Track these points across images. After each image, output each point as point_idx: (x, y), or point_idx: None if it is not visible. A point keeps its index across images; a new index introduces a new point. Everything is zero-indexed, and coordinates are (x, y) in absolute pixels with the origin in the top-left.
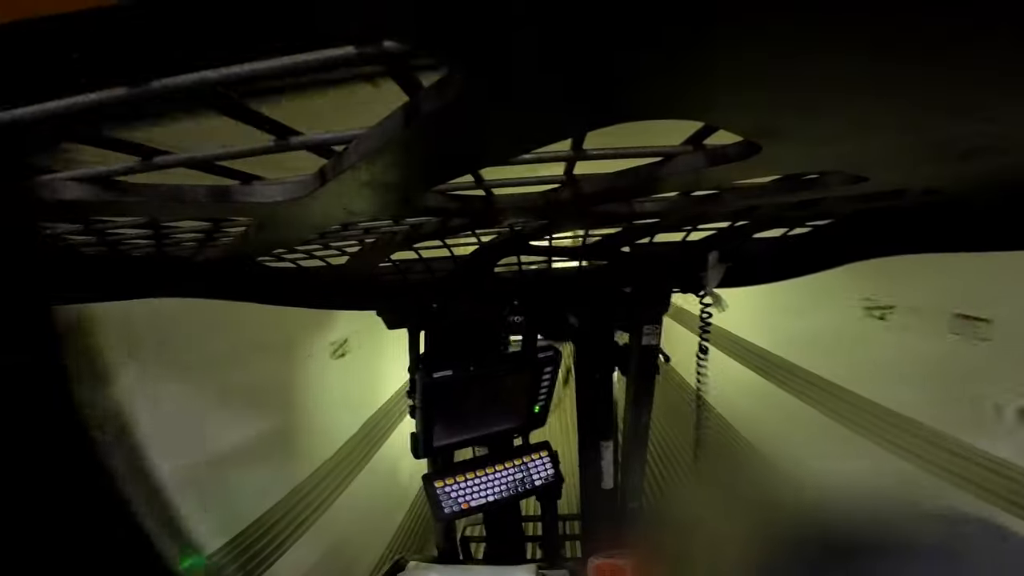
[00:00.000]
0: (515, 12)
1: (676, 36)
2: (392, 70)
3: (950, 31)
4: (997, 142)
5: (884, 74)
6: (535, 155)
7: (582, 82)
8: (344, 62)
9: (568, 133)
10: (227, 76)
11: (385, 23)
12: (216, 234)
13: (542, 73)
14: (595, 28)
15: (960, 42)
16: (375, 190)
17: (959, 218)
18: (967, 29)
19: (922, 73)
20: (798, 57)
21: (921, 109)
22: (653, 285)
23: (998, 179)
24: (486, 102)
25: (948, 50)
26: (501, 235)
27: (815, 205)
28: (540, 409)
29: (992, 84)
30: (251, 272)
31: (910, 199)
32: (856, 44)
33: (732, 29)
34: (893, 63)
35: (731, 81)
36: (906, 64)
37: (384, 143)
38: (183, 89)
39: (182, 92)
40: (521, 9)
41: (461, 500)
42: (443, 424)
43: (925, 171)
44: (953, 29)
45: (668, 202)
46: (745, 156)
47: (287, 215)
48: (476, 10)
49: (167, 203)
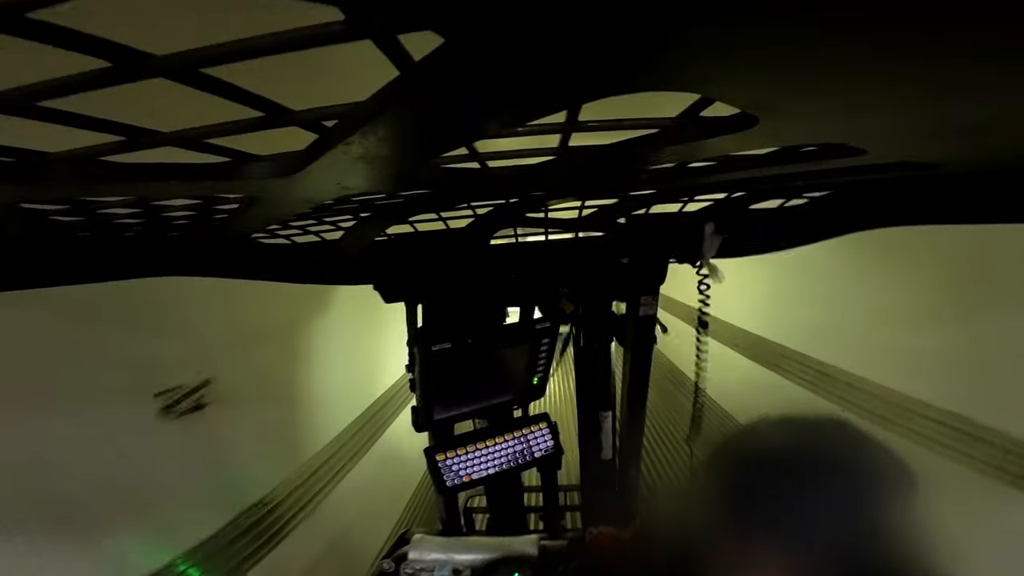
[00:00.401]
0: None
1: (676, 12)
2: (382, 43)
3: (949, 9)
4: (995, 119)
5: (881, 53)
6: (530, 127)
7: (577, 54)
8: (332, 36)
9: (563, 105)
10: (212, 54)
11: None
12: (208, 212)
13: (537, 46)
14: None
15: (957, 22)
16: (368, 164)
17: (956, 190)
18: (966, 8)
19: (920, 52)
20: (796, 35)
21: (918, 87)
22: (650, 256)
23: (996, 154)
24: (480, 74)
25: (945, 29)
26: (497, 207)
27: (812, 177)
28: (539, 380)
29: (989, 63)
30: (245, 249)
31: (908, 172)
32: (854, 23)
33: (731, 6)
34: (891, 42)
35: (729, 57)
36: (904, 43)
37: (376, 117)
38: (167, 68)
39: (166, 71)
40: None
41: (463, 473)
42: (443, 397)
43: (923, 146)
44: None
45: (665, 173)
46: (742, 128)
47: (279, 191)
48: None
49: (157, 181)
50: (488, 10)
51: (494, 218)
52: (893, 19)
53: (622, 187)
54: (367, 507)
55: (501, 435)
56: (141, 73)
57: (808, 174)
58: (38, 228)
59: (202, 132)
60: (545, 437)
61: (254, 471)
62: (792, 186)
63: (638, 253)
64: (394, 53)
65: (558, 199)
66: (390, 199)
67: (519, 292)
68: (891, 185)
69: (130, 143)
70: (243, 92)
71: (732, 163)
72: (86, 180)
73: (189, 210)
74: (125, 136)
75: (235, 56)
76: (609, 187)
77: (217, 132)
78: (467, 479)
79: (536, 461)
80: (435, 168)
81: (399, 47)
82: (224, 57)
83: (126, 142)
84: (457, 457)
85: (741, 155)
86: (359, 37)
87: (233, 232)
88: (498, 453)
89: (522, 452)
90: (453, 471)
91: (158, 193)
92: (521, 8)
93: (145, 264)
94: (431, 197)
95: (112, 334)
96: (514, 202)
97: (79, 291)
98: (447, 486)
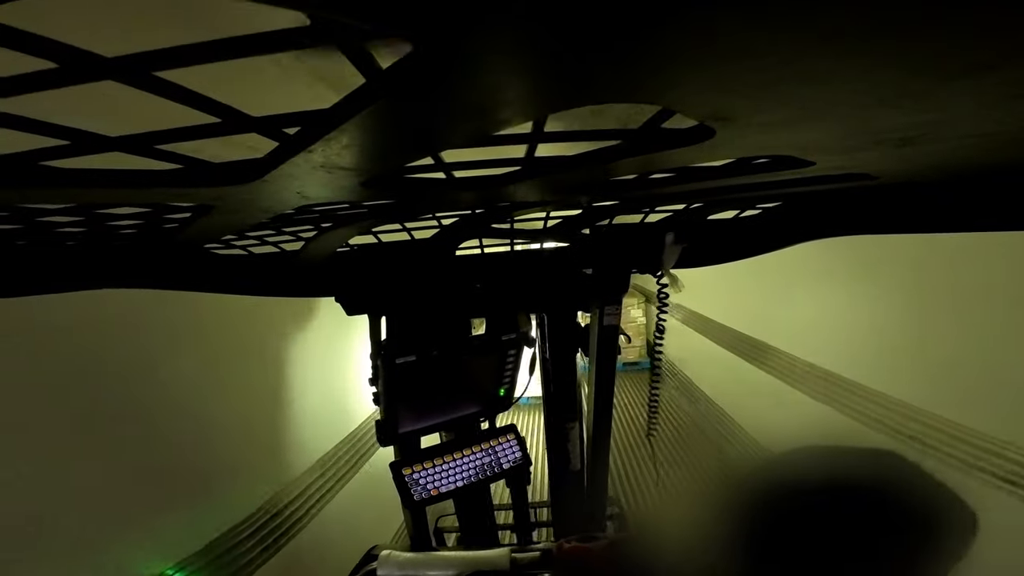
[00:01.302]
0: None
1: (634, 29)
2: (348, 50)
3: (886, 23)
4: (931, 130)
5: (828, 67)
6: (496, 137)
7: (543, 67)
8: (295, 41)
9: (529, 115)
10: (166, 56)
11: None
12: (157, 220)
13: (505, 56)
14: (558, 16)
15: (891, 35)
16: (330, 173)
17: (902, 200)
18: (905, 20)
19: (859, 66)
20: (749, 50)
21: (859, 99)
22: (613, 266)
23: (935, 164)
24: (447, 83)
25: (880, 42)
26: (462, 218)
27: (765, 188)
28: (505, 392)
29: (922, 75)
30: (198, 260)
31: (854, 183)
32: (804, 39)
33: (684, 24)
34: (836, 57)
35: (686, 70)
36: (847, 57)
37: (339, 125)
38: (118, 70)
39: (117, 73)
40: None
41: (430, 486)
42: (408, 410)
43: (866, 157)
44: (888, 21)
45: (627, 184)
46: (699, 140)
47: (236, 200)
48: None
49: (103, 188)
50: (457, 15)
51: (459, 229)
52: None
53: (586, 198)
54: (351, 528)
55: (468, 447)
56: (90, 75)
57: (761, 185)
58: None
59: (153, 137)
60: (513, 448)
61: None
62: (746, 197)
63: (602, 264)
64: (360, 60)
65: (524, 210)
66: (353, 209)
67: (484, 303)
68: (839, 196)
69: (74, 147)
70: (199, 96)
71: (690, 174)
72: (25, 185)
73: (137, 219)
74: (69, 140)
75: (191, 59)
76: (574, 197)
77: (169, 137)
78: (435, 492)
79: (504, 473)
80: (399, 178)
81: (365, 54)
82: (179, 60)
83: (70, 146)
84: (424, 471)
85: (699, 166)
86: (324, 43)
87: (184, 242)
88: (466, 466)
89: (490, 464)
90: (420, 485)
91: (104, 200)
92: (494, 28)
93: (88, 275)
94: (395, 207)
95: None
96: (480, 213)
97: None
98: (414, 500)
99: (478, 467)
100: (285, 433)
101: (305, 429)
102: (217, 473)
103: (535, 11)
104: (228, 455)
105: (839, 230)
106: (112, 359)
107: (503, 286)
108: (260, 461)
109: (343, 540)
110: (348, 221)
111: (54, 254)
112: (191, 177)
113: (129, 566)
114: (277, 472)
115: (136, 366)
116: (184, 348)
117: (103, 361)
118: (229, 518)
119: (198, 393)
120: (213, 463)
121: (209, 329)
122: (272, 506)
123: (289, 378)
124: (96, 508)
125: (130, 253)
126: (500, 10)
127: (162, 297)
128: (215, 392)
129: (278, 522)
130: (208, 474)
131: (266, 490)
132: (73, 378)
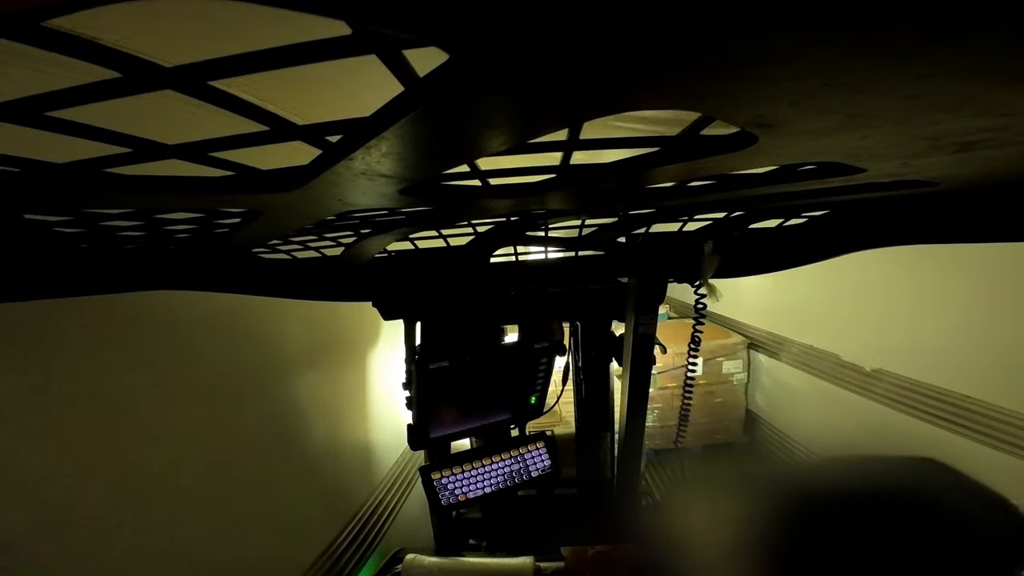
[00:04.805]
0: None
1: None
2: (387, 58)
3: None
4: (992, 136)
5: (878, 72)
6: (531, 144)
7: (582, 74)
8: (339, 51)
9: (566, 122)
10: (220, 66)
11: (379, 8)
12: (210, 225)
13: (543, 65)
14: (600, 25)
15: (950, 38)
16: (370, 180)
17: (955, 209)
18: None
19: (914, 71)
20: (793, 57)
21: (914, 105)
22: (649, 276)
23: (995, 172)
24: (484, 91)
25: (936, 46)
26: (497, 225)
27: (811, 196)
28: (536, 400)
29: (982, 79)
30: (246, 264)
31: (907, 190)
32: (851, 45)
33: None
34: (886, 62)
35: (728, 77)
36: (898, 62)
37: (379, 133)
38: (176, 80)
39: (175, 83)
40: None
41: (458, 492)
42: (439, 415)
43: (922, 163)
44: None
45: (665, 192)
46: (741, 147)
47: (282, 206)
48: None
49: (162, 194)
50: (495, 26)
51: (494, 236)
52: (890, 37)
53: (623, 206)
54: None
55: (498, 454)
56: (151, 84)
57: (807, 193)
58: (40, 240)
59: (207, 145)
60: (543, 456)
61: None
62: (791, 205)
63: (637, 272)
64: (399, 68)
65: (559, 218)
66: (391, 216)
67: (518, 311)
68: (888, 204)
69: (135, 155)
70: (250, 106)
71: (731, 182)
72: (92, 191)
73: (191, 223)
74: (130, 148)
75: (243, 68)
76: (610, 206)
77: (222, 145)
78: (462, 498)
79: (533, 480)
80: (436, 185)
81: (404, 62)
82: (232, 69)
83: (132, 154)
84: (453, 476)
85: (740, 174)
86: (365, 52)
87: (234, 246)
88: (495, 472)
89: (519, 471)
90: (448, 490)
91: (162, 205)
92: (522, 11)
93: (145, 277)
94: (431, 214)
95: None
96: (514, 220)
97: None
98: (442, 505)
99: (507, 474)
100: (373, 434)
101: (384, 432)
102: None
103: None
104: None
105: (893, 239)
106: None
107: (537, 294)
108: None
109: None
110: (386, 228)
111: (115, 256)
112: (243, 184)
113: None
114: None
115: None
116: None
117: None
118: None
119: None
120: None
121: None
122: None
123: (370, 383)
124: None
125: (184, 256)
126: (532, 25)
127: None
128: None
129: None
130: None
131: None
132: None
